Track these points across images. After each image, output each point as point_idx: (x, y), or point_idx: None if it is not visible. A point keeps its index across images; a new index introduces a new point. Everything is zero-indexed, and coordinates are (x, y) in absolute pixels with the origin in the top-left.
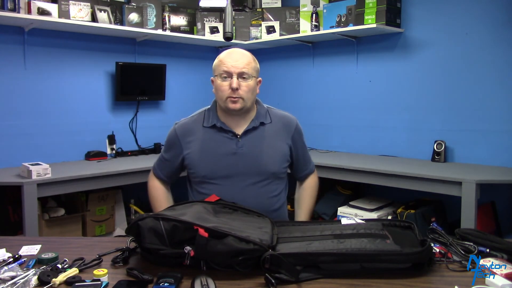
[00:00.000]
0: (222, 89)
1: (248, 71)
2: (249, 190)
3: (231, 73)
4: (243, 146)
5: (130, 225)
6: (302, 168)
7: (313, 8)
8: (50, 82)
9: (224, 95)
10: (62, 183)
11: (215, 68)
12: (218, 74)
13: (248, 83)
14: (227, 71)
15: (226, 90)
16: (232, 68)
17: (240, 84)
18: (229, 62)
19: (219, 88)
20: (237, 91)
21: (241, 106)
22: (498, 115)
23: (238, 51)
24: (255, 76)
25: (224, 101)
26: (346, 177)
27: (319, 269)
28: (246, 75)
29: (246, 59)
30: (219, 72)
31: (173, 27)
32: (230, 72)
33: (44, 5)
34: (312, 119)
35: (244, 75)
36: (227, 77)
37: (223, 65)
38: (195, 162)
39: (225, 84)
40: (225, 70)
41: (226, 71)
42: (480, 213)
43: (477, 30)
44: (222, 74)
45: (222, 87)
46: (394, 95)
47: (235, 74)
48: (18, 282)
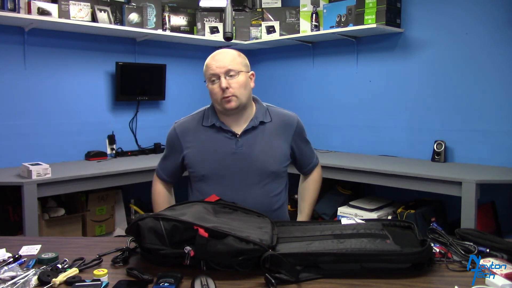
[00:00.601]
0: (214, 92)
1: (233, 67)
2: (249, 189)
3: (218, 74)
4: (242, 145)
5: (130, 225)
6: (307, 163)
7: (313, 8)
8: (50, 82)
9: (218, 97)
10: (62, 183)
11: (204, 74)
12: (207, 79)
13: (237, 79)
14: (213, 73)
15: (218, 92)
16: (217, 69)
17: (229, 82)
18: (213, 64)
19: (211, 92)
20: (227, 90)
21: (237, 104)
22: (498, 115)
23: (221, 51)
24: (243, 70)
25: (219, 103)
26: (346, 177)
27: (319, 269)
28: (232, 71)
29: (229, 56)
30: (207, 77)
31: (173, 27)
32: (216, 73)
33: (44, 5)
34: (312, 119)
35: (231, 72)
36: (215, 79)
37: (209, 69)
38: (194, 161)
39: (216, 86)
40: (211, 73)
41: (212, 73)
42: (480, 213)
43: (477, 30)
44: (210, 77)
45: (214, 90)
46: (394, 95)
47: (221, 74)
48: (18, 282)
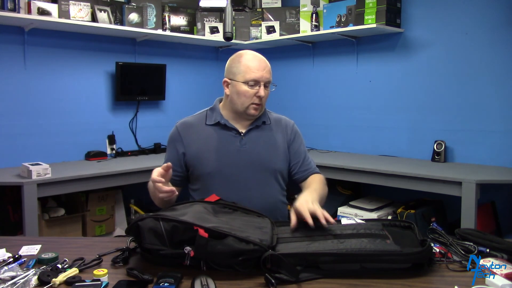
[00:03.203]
0: (247, 95)
1: (271, 79)
2: (254, 187)
3: (260, 81)
4: (246, 143)
5: (130, 225)
6: (303, 169)
7: (313, 8)
8: (50, 82)
9: (247, 101)
10: (62, 183)
11: (239, 73)
12: (244, 80)
13: (269, 91)
14: (256, 79)
15: (251, 96)
16: (261, 76)
17: (265, 93)
18: (258, 70)
19: (244, 94)
20: (261, 99)
21: (260, 113)
22: (498, 115)
23: (261, 57)
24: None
25: (246, 107)
26: (346, 177)
27: (319, 269)
28: (269, 83)
29: (269, 67)
30: (247, 79)
31: (173, 27)
32: (259, 80)
33: (44, 5)
34: (312, 119)
35: (268, 84)
36: (254, 84)
37: (252, 72)
38: (198, 159)
39: (252, 91)
40: (254, 78)
41: (255, 79)
42: (480, 213)
43: (477, 30)
44: (250, 81)
45: (248, 93)
46: (394, 95)
47: (263, 82)
48: (18, 282)
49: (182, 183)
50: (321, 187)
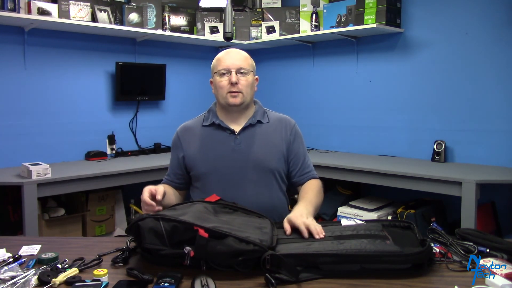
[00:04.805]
0: (221, 85)
1: (245, 66)
2: (249, 187)
3: (230, 69)
4: (241, 143)
5: (130, 225)
6: (301, 173)
7: (313, 8)
8: (50, 82)
9: (224, 91)
10: (62, 183)
11: (213, 67)
12: (216, 71)
13: (246, 77)
14: (225, 67)
15: (225, 85)
16: (230, 64)
17: (239, 79)
18: (227, 59)
19: (219, 84)
20: (236, 85)
21: (241, 101)
22: (498, 115)
23: (234, 50)
24: (252, 71)
25: (224, 97)
26: (346, 177)
27: (319, 270)
28: (244, 70)
29: (242, 56)
30: (218, 70)
31: (173, 27)
32: (228, 68)
33: (44, 5)
34: (312, 119)
35: (242, 70)
36: (226, 73)
37: (222, 62)
38: (194, 160)
39: (224, 79)
40: (223, 67)
41: (224, 67)
42: (480, 213)
43: (477, 30)
44: (221, 70)
45: (221, 82)
46: (394, 95)
47: (233, 69)
48: (18, 282)
49: (186, 187)
50: (316, 196)
